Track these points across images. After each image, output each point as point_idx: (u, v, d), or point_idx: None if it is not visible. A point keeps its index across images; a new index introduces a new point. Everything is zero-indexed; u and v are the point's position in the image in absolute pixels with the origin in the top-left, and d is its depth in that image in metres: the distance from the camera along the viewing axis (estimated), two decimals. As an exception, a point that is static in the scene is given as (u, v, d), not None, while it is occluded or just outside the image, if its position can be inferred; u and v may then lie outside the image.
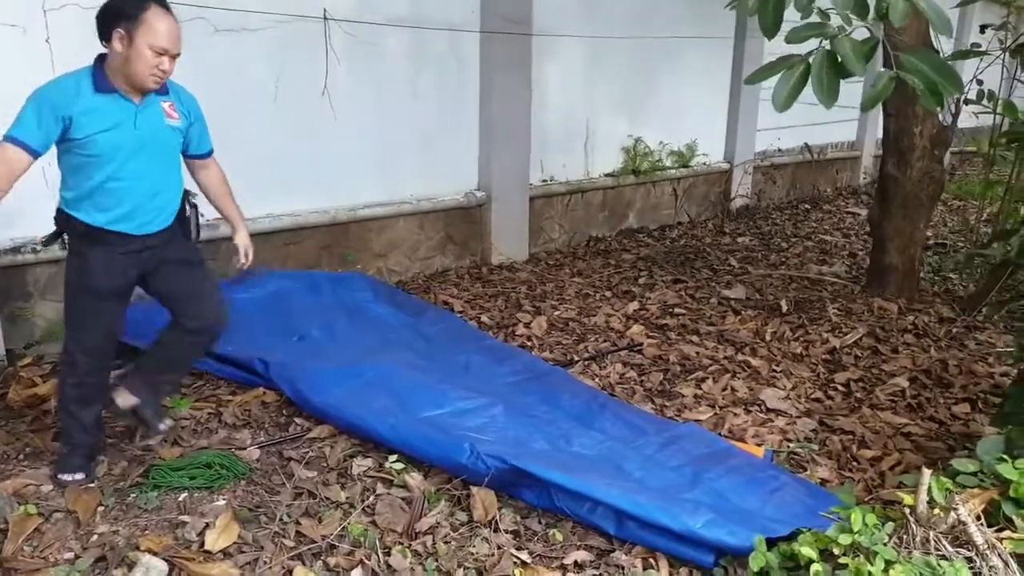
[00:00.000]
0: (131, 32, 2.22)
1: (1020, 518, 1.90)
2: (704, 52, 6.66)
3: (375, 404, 2.96)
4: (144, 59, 2.24)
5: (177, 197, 2.55)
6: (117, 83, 2.29)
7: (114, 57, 2.27)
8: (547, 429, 2.95)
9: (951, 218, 7.16)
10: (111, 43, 2.25)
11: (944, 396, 3.48)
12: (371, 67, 4.57)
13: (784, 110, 2.15)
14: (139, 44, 2.23)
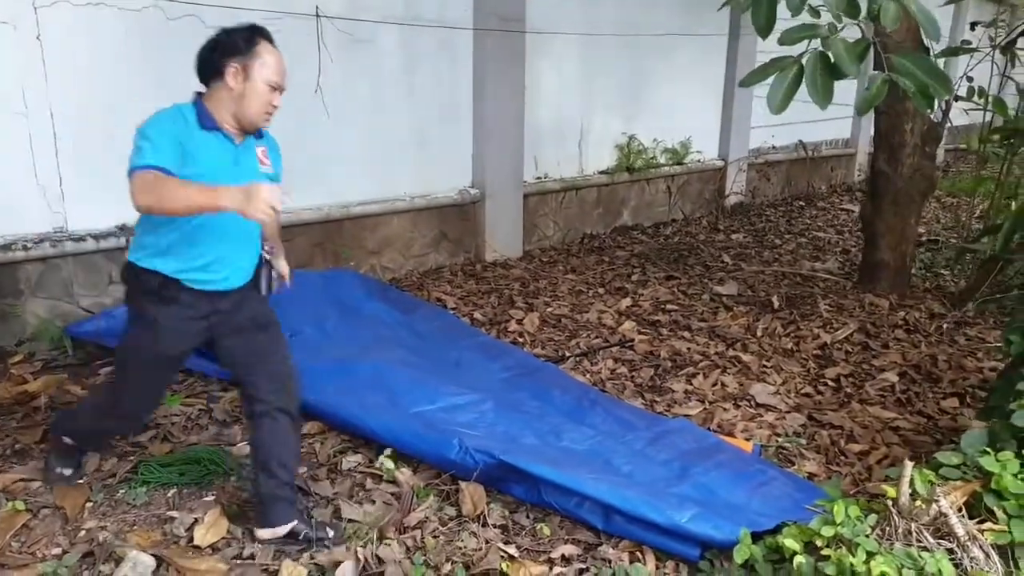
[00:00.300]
0: (247, 67, 2.08)
1: (1001, 510, 1.91)
2: (698, 50, 6.67)
3: (367, 400, 2.97)
4: (259, 95, 2.11)
5: (257, 252, 2.32)
6: (222, 121, 2.12)
7: (224, 94, 2.10)
8: (537, 425, 2.97)
9: (944, 215, 7.18)
10: (223, 79, 2.09)
11: (933, 391, 3.49)
12: (364, 64, 4.57)
13: (779, 112, 2.16)
14: (255, 79, 2.09)
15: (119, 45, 3.63)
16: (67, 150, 3.55)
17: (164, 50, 3.76)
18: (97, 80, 3.60)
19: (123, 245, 3.77)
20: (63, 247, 3.58)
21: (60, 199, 3.59)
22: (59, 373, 3.30)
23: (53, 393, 3.11)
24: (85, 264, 3.70)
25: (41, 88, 3.43)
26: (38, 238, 3.54)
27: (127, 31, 3.63)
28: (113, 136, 3.68)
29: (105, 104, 3.64)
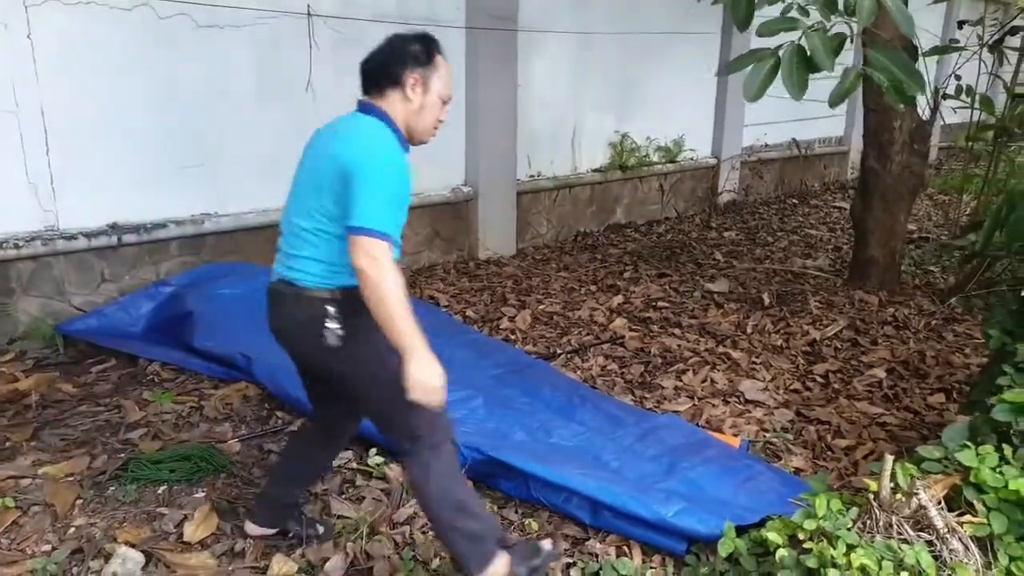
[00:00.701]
0: (427, 78, 1.94)
1: (980, 503, 1.93)
2: (690, 48, 6.69)
3: None
4: (434, 109, 1.99)
5: None
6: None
7: (400, 106, 1.94)
8: (527, 421, 2.98)
9: (936, 212, 7.21)
10: (401, 89, 1.93)
11: (920, 387, 3.51)
12: (356, 63, 4.53)
13: (754, 100, 2.18)
14: (432, 92, 1.96)
15: (110, 44, 3.64)
16: (58, 148, 3.56)
17: (155, 49, 3.78)
18: (88, 79, 3.60)
19: (114, 244, 3.78)
20: (54, 245, 3.59)
21: (51, 197, 3.60)
22: (50, 371, 3.31)
23: (44, 391, 3.13)
24: (76, 262, 3.71)
25: (32, 86, 3.44)
26: (29, 236, 3.55)
27: (118, 30, 3.64)
28: (104, 135, 3.70)
29: (96, 103, 3.65)
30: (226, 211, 4.20)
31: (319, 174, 1.87)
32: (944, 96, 4.81)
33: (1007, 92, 5.24)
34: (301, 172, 1.99)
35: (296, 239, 1.91)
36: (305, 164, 1.99)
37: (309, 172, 1.94)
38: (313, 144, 2.02)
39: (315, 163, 1.92)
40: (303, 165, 2.00)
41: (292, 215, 1.94)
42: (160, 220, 3.95)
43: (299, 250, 1.90)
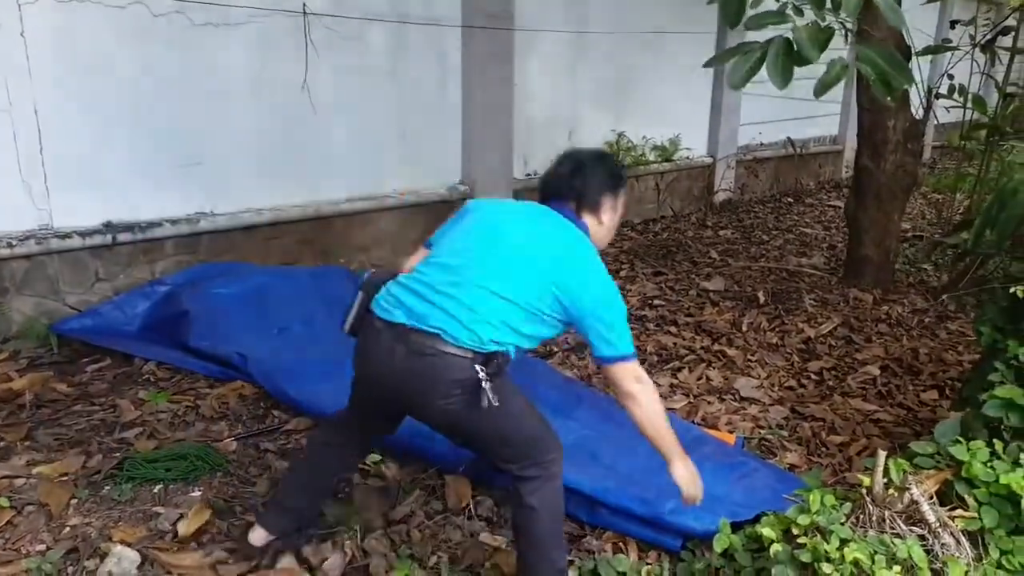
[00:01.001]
0: (618, 204, 2.10)
1: (972, 497, 1.95)
2: (686, 47, 6.69)
3: None
4: (615, 229, 2.14)
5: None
6: None
7: (594, 228, 2.06)
8: None
9: (929, 211, 7.23)
10: (597, 215, 2.06)
11: (913, 383, 3.54)
12: (351, 61, 4.58)
13: (738, 87, 2.19)
14: (618, 215, 2.10)
15: (104, 42, 3.64)
16: (52, 147, 3.56)
17: (150, 46, 3.78)
18: (82, 77, 3.60)
19: (109, 242, 3.78)
20: (48, 244, 3.59)
21: (45, 196, 3.59)
22: (45, 371, 3.31)
23: (38, 391, 3.12)
24: (71, 261, 3.70)
25: (25, 84, 3.43)
26: (23, 235, 3.54)
27: (112, 28, 3.64)
28: (98, 133, 3.70)
29: (90, 101, 3.65)
30: (221, 210, 4.20)
31: (536, 268, 1.91)
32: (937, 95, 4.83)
33: (999, 91, 5.26)
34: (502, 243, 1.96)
35: (479, 300, 1.87)
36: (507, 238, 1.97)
37: (519, 254, 1.93)
38: (510, 221, 2.03)
39: (531, 252, 1.93)
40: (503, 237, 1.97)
41: (484, 279, 1.90)
42: (155, 219, 3.95)
43: (477, 309, 1.87)
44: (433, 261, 2.00)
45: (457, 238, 2.03)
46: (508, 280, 1.90)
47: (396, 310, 1.91)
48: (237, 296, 3.77)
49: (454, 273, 1.93)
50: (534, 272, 1.91)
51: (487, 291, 1.89)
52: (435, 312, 1.88)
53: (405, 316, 1.89)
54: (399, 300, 1.93)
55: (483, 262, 1.94)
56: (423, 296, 1.91)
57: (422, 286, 1.93)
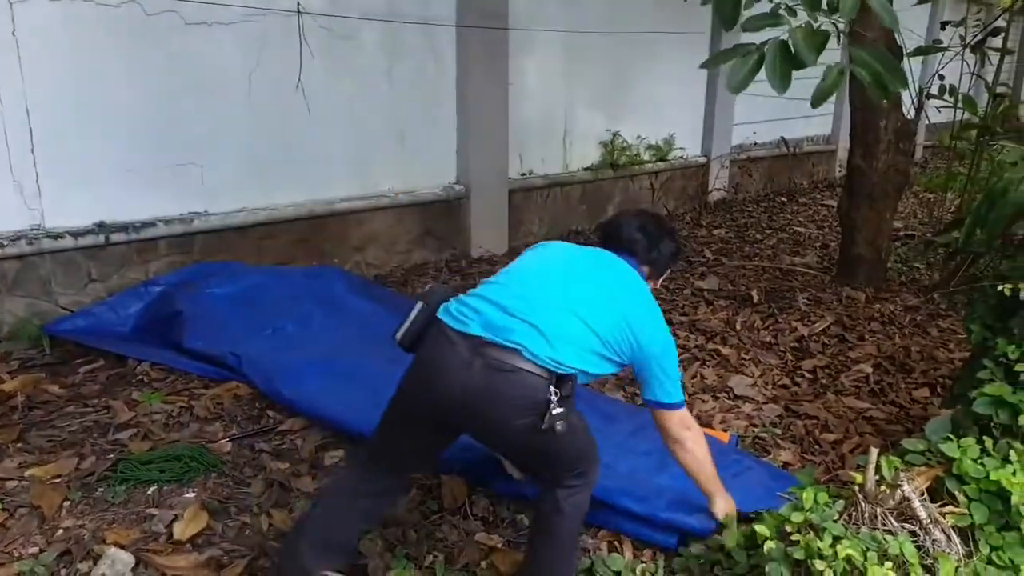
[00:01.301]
0: (660, 277, 2.25)
1: (962, 493, 1.96)
2: (681, 47, 6.71)
3: (349, 397, 2.98)
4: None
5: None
6: None
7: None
8: None
9: (921, 210, 7.27)
10: (656, 280, 2.23)
11: (906, 381, 3.56)
12: (346, 61, 4.58)
13: (737, 91, 2.20)
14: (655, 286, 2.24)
15: (96, 41, 3.63)
16: (43, 146, 3.55)
17: (143, 46, 3.77)
18: (74, 76, 3.59)
19: (102, 243, 3.77)
20: (40, 244, 3.58)
21: (37, 196, 3.58)
22: (37, 372, 3.30)
23: (30, 392, 3.11)
24: (63, 262, 3.70)
25: (17, 84, 3.42)
26: (14, 235, 3.53)
27: (104, 27, 3.63)
28: (90, 132, 3.69)
29: (82, 100, 3.64)
30: (215, 210, 4.19)
31: (616, 305, 1.96)
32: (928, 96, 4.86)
33: (989, 92, 5.29)
34: (583, 276, 2.01)
35: (566, 322, 1.88)
36: (587, 272, 2.03)
37: (600, 289, 1.99)
38: (586, 259, 2.08)
39: (611, 290, 2.00)
40: (582, 270, 2.03)
41: (571, 303, 1.92)
42: (148, 219, 3.94)
43: (564, 330, 1.87)
44: (511, 281, 1.98)
45: (534, 266, 2.04)
46: (592, 309, 1.93)
47: (472, 321, 1.86)
48: (231, 296, 3.77)
49: (539, 292, 1.93)
50: (615, 308, 1.95)
51: (575, 315, 1.90)
52: (518, 327, 1.85)
53: (482, 328, 1.85)
54: (476, 311, 1.88)
55: (566, 288, 1.96)
56: (505, 309, 1.88)
57: (505, 299, 1.90)
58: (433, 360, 1.88)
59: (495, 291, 1.94)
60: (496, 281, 2.00)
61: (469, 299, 1.93)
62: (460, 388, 1.82)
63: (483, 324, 1.85)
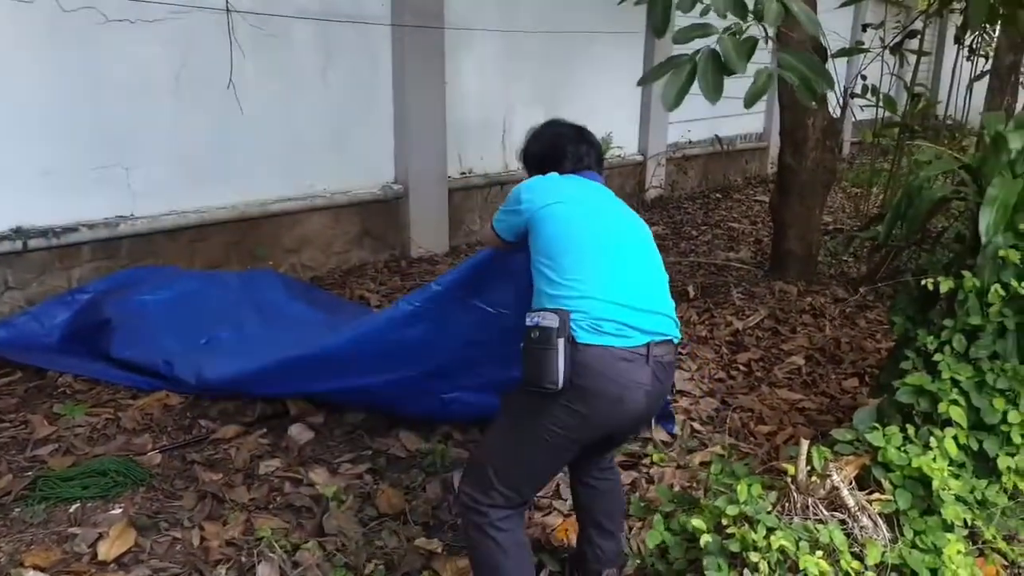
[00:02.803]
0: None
1: (887, 481, 2.04)
2: (616, 47, 6.79)
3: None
4: None
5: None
6: None
7: None
8: None
9: (848, 204, 7.53)
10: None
11: (835, 372, 3.67)
12: (279, 60, 4.48)
13: (672, 109, 2.24)
14: None
15: (11, 38, 3.45)
16: (-45, 150, 3.36)
17: (60, 43, 3.61)
18: (-14, 76, 3.41)
19: (19, 249, 3.59)
20: (-47, 253, 3.39)
21: (-51, 202, 3.40)
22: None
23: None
24: (-21, 270, 3.51)
25: (-76, 84, 3.24)
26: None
27: (17, 23, 3.46)
28: (5, 134, 3.51)
29: (-3, 101, 3.46)
30: (143, 213, 4.04)
31: (651, 239, 2.09)
32: (852, 95, 5.02)
33: (907, 91, 5.52)
34: (625, 236, 2.03)
35: (666, 291, 2.00)
36: (624, 223, 2.07)
37: (638, 233, 2.06)
38: (607, 201, 2.12)
39: (638, 229, 2.08)
40: (619, 220, 2.07)
41: (650, 268, 2.01)
42: (71, 223, 3.77)
43: (670, 301, 1.98)
44: (607, 269, 1.91)
45: (589, 235, 1.96)
46: (655, 262, 2.04)
47: (634, 333, 1.84)
48: (164, 303, 3.62)
49: (636, 272, 1.95)
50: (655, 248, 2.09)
51: (662, 279, 2.01)
52: (660, 320, 1.91)
53: (642, 335, 1.85)
54: (624, 323, 1.83)
55: (638, 256, 2.00)
56: (637, 307, 1.87)
57: (634, 295, 1.88)
58: (619, 383, 1.82)
59: (612, 289, 1.87)
60: (593, 273, 1.89)
61: (607, 310, 1.84)
62: (646, 400, 1.87)
63: (640, 329, 1.85)
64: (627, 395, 1.83)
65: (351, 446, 2.91)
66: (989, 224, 2.21)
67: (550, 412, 1.83)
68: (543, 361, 1.78)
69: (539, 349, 1.79)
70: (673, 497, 2.47)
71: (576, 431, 1.86)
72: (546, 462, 1.96)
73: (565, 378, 1.77)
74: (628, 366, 1.82)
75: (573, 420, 1.83)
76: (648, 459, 2.86)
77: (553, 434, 1.85)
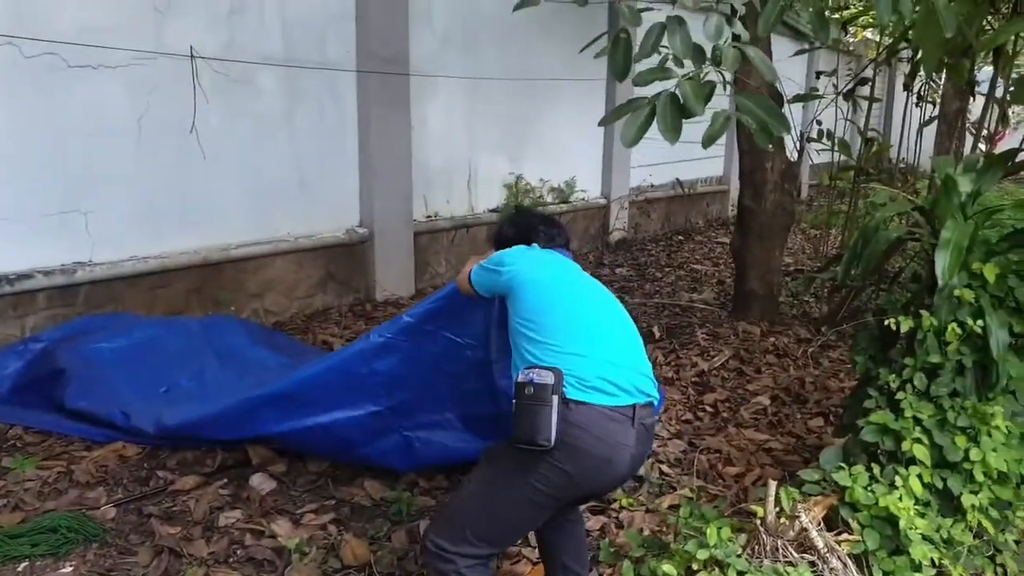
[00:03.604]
0: None
1: (855, 520, 2.04)
2: (579, 92, 6.93)
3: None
4: None
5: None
6: None
7: None
8: None
9: (808, 246, 7.70)
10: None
11: (801, 412, 3.71)
12: (243, 105, 4.48)
13: (631, 145, 2.28)
14: None
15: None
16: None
17: (20, 88, 3.57)
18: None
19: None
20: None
21: None
22: None
23: None
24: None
25: None
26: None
27: (-23, 69, 3.42)
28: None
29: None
30: (101, 259, 3.97)
31: (622, 308, 2.11)
32: (808, 139, 5.18)
33: (861, 136, 5.71)
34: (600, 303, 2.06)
35: (643, 353, 2.02)
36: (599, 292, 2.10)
37: (612, 302, 2.09)
38: (581, 274, 2.16)
39: (612, 299, 2.11)
40: (594, 288, 2.11)
41: (628, 332, 2.03)
42: (25, 270, 3.68)
43: (647, 363, 2.01)
44: (579, 329, 1.93)
45: (568, 301, 2.00)
46: (634, 332, 2.05)
47: (620, 392, 1.86)
48: (121, 351, 3.52)
49: (615, 335, 1.98)
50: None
51: (641, 347, 2.03)
52: (642, 380, 1.93)
53: (628, 395, 1.87)
54: (610, 381, 1.85)
55: (614, 321, 2.03)
56: (624, 367, 1.90)
57: (615, 355, 1.91)
58: (608, 443, 1.82)
59: (597, 348, 1.89)
60: (577, 334, 1.91)
61: (598, 368, 1.85)
62: (630, 463, 1.89)
63: (625, 390, 1.87)
64: (615, 456, 1.83)
65: (314, 496, 2.84)
66: (945, 267, 2.27)
67: (537, 470, 1.81)
68: (537, 418, 1.76)
69: (533, 405, 1.77)
70: (643, 542, 2.45)
71: (561, 490, 1.85)
72: (524, 519, 1.94)
73: (557, 436, 1.76)
74: (616, 427, 1.83)
75: (559, 479, 1.82)
76: (616, 503, 2.83)
77: (537, 492, 1.83)
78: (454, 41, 5.74)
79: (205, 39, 4.21)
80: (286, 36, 4.62)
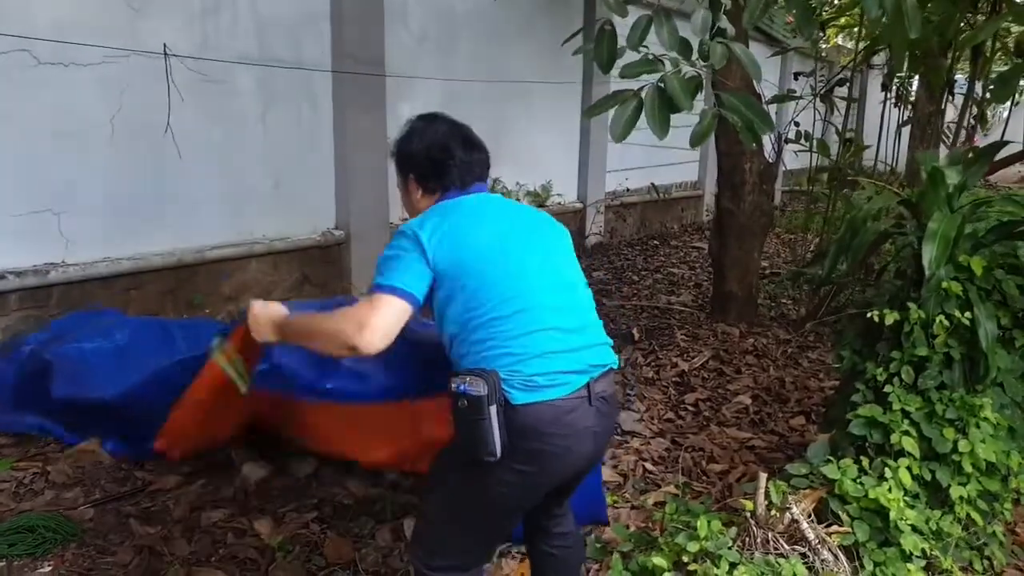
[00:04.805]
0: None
1: (845, 513, 2.06)
2: (554, 97, 6.96)
3: None
4: None
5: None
6: None
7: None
8: None
9: (783, 250, 7.79)
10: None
11: (782, 410, 3.74)
12: (219, 105, 4.41)
13: (620, 140, 2.28)
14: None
15: (-65, 78, 3.31)
16: None
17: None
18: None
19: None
20: None
21: None
22: None
23: None
24: None
25: None
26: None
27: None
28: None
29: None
30: (75, 260, 3.87)
31: (565, 246, 1.92)
32: (787, 140, 5.24)
33: (839, 137, 5.80)
34: (537, 249, 1.81)
35: (590, 309, 1.83)
36: (534, 243, 1.82)
37: (552, 243, 1.88)
38: (508, 220, 1.86)
39: (554, 239, 1.90)
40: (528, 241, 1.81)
41: (571, 287, 1.82)
42: (-5, 271, 3.59)
43: (596, 319, 1.84)
44: (519, 311, 1.68)
45: (507, 279, 1.72)
46: (576, 276, 1.88)
47: (570, 377, 1.68)
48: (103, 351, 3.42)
49: (563, 305, 1.75)
50: (572, 254, 1.94)
51: (586, 296, 1.87)
52: (594, 353, 1.75)
53: (581, 376, 1.70)
54: (558, 372, 1.67)
55: (557, 285, 1.78)
56: (575, 345, 1.71)
57: (564, 336, 1.69)
58: (564, 435, 1.67)
59: (538, 338, 1.67)
60: (515, 323, 1.67)
61: (531, 364, 1.65)
62: (594, 441, 1.74)
63: (575, 372, 1.69)
64: (574, 444, 1.68)
65: (297, 494, 2.79)
66: (932, 258, 2.29)
67: (494, 475, 1.66)
68: (475, 433, 1.60)
69: (469, 420, 1.60)
70: (630, 537, 2.45)
71: (527, 488, 1.72)
72: (495, 525, 1.81)
73: (503, 444, 1.61)
74: (572, 416, 1.67)
75: (521, 479, 1.67)
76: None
77: (501, 495, 1.70)
78: (430, 41, 5.73)
79: (179, 37, 4.14)
80: (261, 35, 4.57)
